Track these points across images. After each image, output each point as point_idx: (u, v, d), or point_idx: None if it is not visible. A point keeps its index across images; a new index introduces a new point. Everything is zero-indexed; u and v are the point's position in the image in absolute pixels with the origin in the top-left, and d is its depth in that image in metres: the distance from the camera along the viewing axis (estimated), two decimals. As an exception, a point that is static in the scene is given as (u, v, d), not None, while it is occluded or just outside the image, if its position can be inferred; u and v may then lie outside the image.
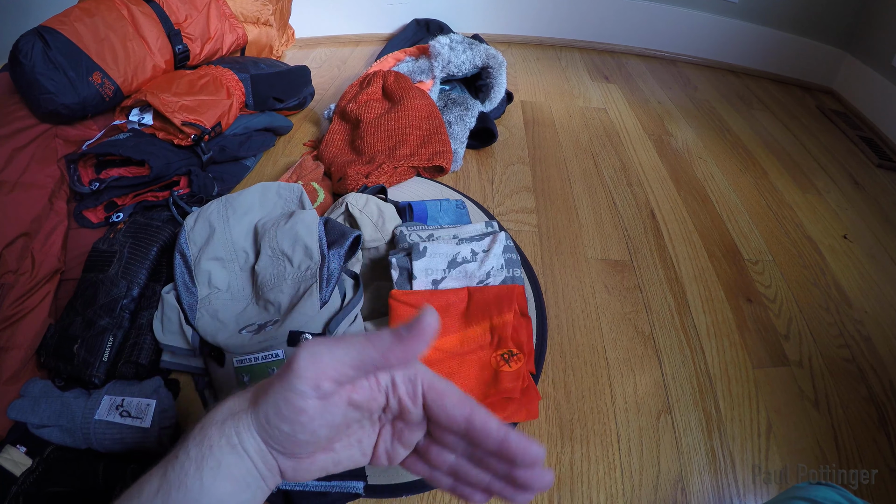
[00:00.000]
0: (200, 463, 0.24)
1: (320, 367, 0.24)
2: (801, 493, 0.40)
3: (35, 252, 0.69)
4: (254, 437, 0.25)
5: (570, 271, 0.85)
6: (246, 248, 0.65)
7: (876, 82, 1.59)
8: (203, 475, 0.24)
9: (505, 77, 1.21)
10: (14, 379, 0.57)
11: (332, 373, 0.24)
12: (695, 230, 0.99)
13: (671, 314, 0.80)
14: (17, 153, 0.77)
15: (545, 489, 0.26)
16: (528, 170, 1.10)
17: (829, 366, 0.76)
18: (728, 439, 0.65)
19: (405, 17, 1.65)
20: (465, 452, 0.28)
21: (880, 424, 0.70)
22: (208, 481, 0.24)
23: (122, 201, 0.81)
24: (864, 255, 1.00)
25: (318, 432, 0.25)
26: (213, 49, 1.09)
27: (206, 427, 0.25)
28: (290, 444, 0.25)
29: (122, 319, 0.61)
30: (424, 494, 0.55)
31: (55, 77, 0.79)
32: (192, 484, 0.24)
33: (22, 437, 0.53)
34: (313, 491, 0.50)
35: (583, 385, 0.68)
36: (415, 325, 0.25)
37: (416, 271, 0.68)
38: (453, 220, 0.86)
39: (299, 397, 0.24)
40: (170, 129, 0.86)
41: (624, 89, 1.56)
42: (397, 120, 1.01)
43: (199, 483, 0.24)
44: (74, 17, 0.84)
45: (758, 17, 1.73)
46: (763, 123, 1.49)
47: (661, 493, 0.58)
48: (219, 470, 0.24)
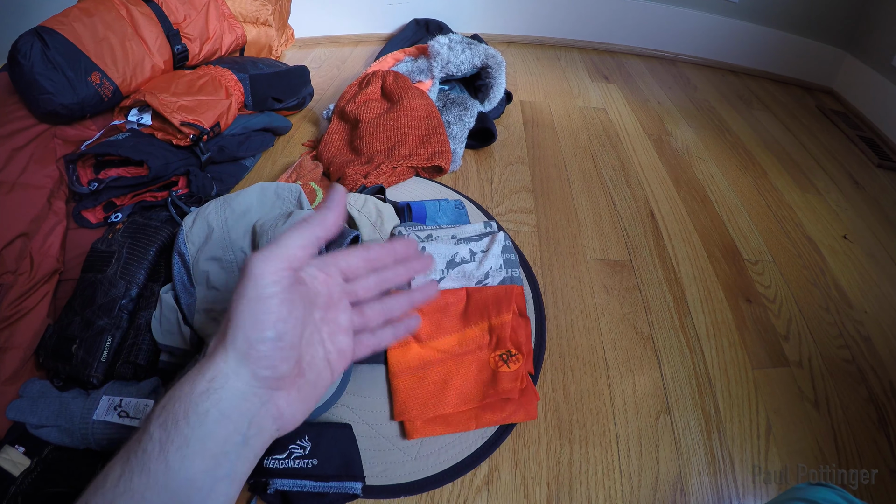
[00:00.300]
0: (165, 444, 0.22)
1: (273, 262, 0.25)
2: (801, 493, 0.40)
3: (34, 252, 0.69)
4: (234, 384, 0.24)
5: (569, 271, 0.85)
6: (244, 248, 0.65)
7: (876, 82, 1.59)
8: (168, 457, 0.22)
9: (504, 77, 1.21)
10: (12, 379, 0.57)
11: (284, 262, 0.26)
12: (694, 230, 0.99)
13: (670, 314, 0.80)
14: (16, 153, 0.77)
15: (428, 267, 0.36)
16: (528, 170, 1.09)
17: (828, 366, 0.76)
18: (727, 440, 0.65)
19: (404, 16, 1.65)
20: (379, 288, 0.33)
21: (880, 425, 0.69)
22: (175, 462, 0.22)
23: (121, 201, 0.81)
24: (864, 255, 1.00)
25: (293, 334, 0.26)
26: (211, 49, 1.09)
27: (167, 405, 0.24)
28: (277, 361, 0.25)
29: (121, 320, 0.60)
30: (423, 495, 0.55)
31: (54, 77, 0.79)
32: (156, 467, 0.22)
33: (20, 437, 0.53)
34: (311, 492, 0.50)
35: (581, 385, 0.68)
36: (330, 194, 0.29)
37: (414, 272, 0.68)
38: (452, 220, 0.86)
39: (265, 295, 0.24)
40: (168, 129, 0.86)
41: (623, 89, 1.55)
42: (396, 120, 1.01)
43: (163, 465, 0.22)
44: (73, 18, 0.84)
45: (758, 16, 1.73)
46: (763, 123, 1.48)
47: (660, 493, 0.58)
48: (187, 448, 0.22)
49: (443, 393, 0.60)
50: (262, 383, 0.25)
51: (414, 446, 0.58)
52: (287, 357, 0.26)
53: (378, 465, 0.55)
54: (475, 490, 0.56)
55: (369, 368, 0.63)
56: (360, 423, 0.58)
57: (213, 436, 0.23)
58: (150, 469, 0.22)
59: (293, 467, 0.50)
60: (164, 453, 0.22)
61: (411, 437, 0.58)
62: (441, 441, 0.58)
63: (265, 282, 0.25)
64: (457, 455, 0.57)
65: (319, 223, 0.28)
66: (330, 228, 0.28)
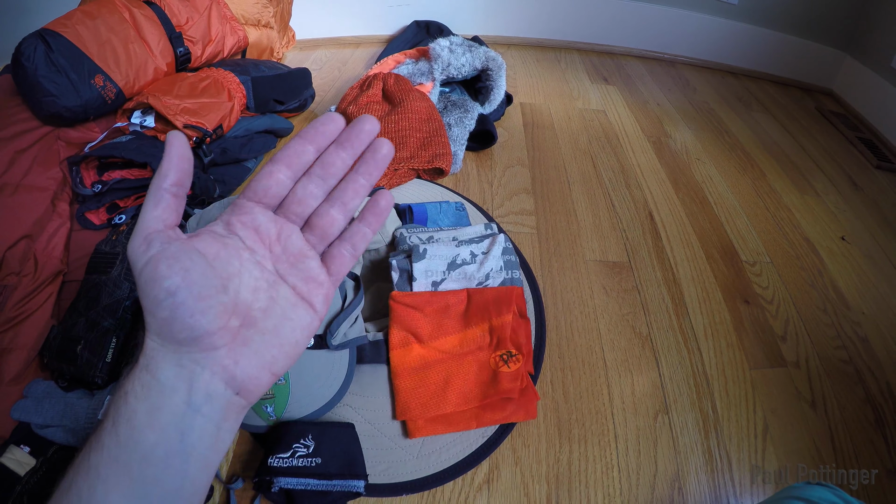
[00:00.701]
0: (117, 418, 0.22)
1: (136, 238, 0.24)
2: (797, 492, 0.40)
3: (38, 254, 0.69)
4: (165, 349, 0.23)
5: (568, 273, 0.86)
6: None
7: (875, 84, 1.59)
8: (119, 429, 0.22)
9: (504, 79, 1.21)
10: (17, 380, 0.58)
11: (143, 232, 0.24)
12: (693, 232, 1.00)
13: (669, 315, 0.81)
14: (20, 156, 0.77)
15: (375, 129, 0.28)
16: (528, 172, 1.10)
17: (825, 367, 0.77)
18: (725, 439, 0.65)
19: (405, 18, 1.66)
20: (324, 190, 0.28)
21: (877, 425, 0.70)
22: (125, 435, 0.22)
23: (125, 203, 0.82)
24: (861, 256, 1.01)
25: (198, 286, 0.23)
26: (214, 51, 1.09)
27: (119, 384, 0.24)
28: (186, 318, 0.23)
29: (125, 321, 0.61)
30: (425, 493, 0.55)
31: (57, 79, 0.80)
32: (109, 441, 0.22)
33: (25, 438, 0.53)
34: (315, 490, 0.50)
35: (581, 385, 0.69)
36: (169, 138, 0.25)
37: (416, 273, 0.69)
38: (453, 222, 0.86)
39: (144, 263, 0.23)
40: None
41: (623, 91, 1.56)
42: (397, 122, 1.02)
43: (114, 439, 0.22)
44: (76, 20, 0.84)
45: (757, 18, 1.73)
46: (762, 125, 1.49)
47: (658, 492, 0.59)
48: (135, 419, 0.22)
49: (444, 393, 0.60)
50: (190, 347, 0.23)
51: (416, 445, 0.58)
52: (199, 310, 0.23)
53: (380, 464, 0.56)
54: (476, 488, 0.57)
55: (371, 369, 0.64)
56: (362, 422, 0.59)
57: (159, 407, 0.22)
58: (103, 444, 0.22)
59: (297, 466, 0.51)
60: (115, 427, 0.22)
61: (413, 436, 0.58)
62: (442, 440, 0.59)
63: (136, 256, 0.23)
64: (458, 454, 0.58)
65: (160, 176, 0.25)
66: (170, 174, 0.25)
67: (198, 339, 0.23)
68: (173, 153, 0.25)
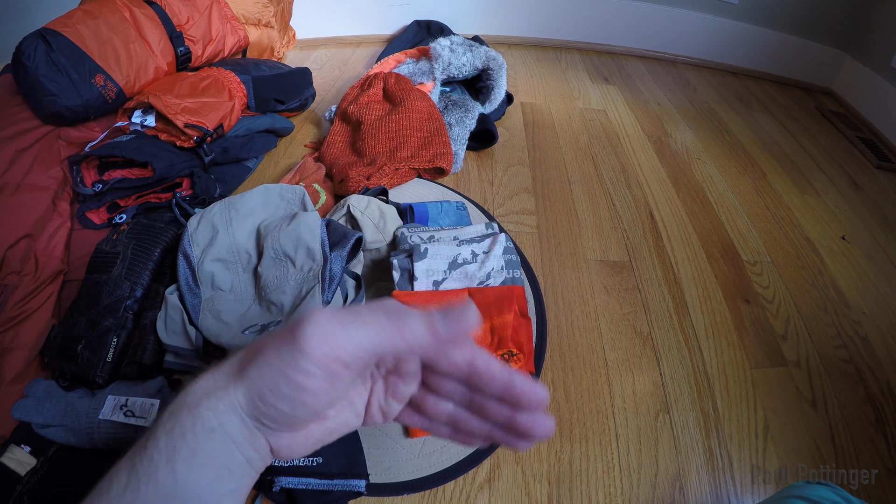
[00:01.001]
0: (172, 454, 0.21)
1: (332, 347, 0.21)
2: (798, 491, 0.40)
3: (38, 253, 0.69)
4: (239, 416, 0.23)
5: (569, 272, 0.86)
6: (249, 249, 0.66)
7: (875, 83, 1.59)
8: (175, 467, 0.21)
9: (505, 79, 1.21)
10: (18, 379, 0.58)
11: (345, 356, 0.21)
12: (693, 231, 1.00)
13: (669, 315, 0.81)
14: (20, 155, 0.77)
15: (547, 437, 0.25)
16: (528, 171, 1.10)
17: (826, 366, 0.77)
18: (726, 439, 0.65)
19: (406, 18, 1.66)
20: (464, 400, 0.26)
21: (877, 425, 0.70)
22: (182, 473, 0.21)
23: (125, 203, 0.82)
24: (862, 256, 1.01)
25: (320, 409, 0.23)
26: (214, 51, 1.09)
27: (175, 412, 0.23)
28: (285, 422, 0.23)
29: (126, 320, 0.61)
30: (426, 493, 0.55)
31: (58, 79, 0.80)
32: (164, 477, 0.21)
33: (26, 437, 0.53)
34: (316, 490, 0.50)
35: (582, 385, 0.69)
36: (453, 316, 0.22)
37: (417, 272, 0.69)
38: (454, 221, 0.86)
39: (305, 377, 0.21)
40: (172, 130, 0.87)
41: (623, 91, 1.56)
42: (398, 122, 1.02)
43: (171, 476, 0.21)
44: (77, 20, 0.85)
45: (757, 18, 1.73)
46: (762, 125, 1.49)
47: (659, 491, 0.59)
48: (194, 459, 0.22)
49: (445, 392, 0.60)
50: (262, 427, 0.24)
51: (417, 444, 0.58)
52: (298, 422, 0.23)
53: (382, 463, 0.56)
54: (477, 487, 0.57)
55: (372, 368, 0.64)
56: (363, 422, 0.59)
57: (219, 452, 0.22)
58: (157, 478, 0.21)
59: (298, 465, 0.51)
60: (171, 463, 0.21)
61: (414, 435, 0.58)
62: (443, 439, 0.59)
63: (307, 362, 0.21)
64: (459, 453, 0.58)
65: (412, 346, 0.22)
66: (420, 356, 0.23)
67: (280, 431, 0.23)
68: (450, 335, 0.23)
